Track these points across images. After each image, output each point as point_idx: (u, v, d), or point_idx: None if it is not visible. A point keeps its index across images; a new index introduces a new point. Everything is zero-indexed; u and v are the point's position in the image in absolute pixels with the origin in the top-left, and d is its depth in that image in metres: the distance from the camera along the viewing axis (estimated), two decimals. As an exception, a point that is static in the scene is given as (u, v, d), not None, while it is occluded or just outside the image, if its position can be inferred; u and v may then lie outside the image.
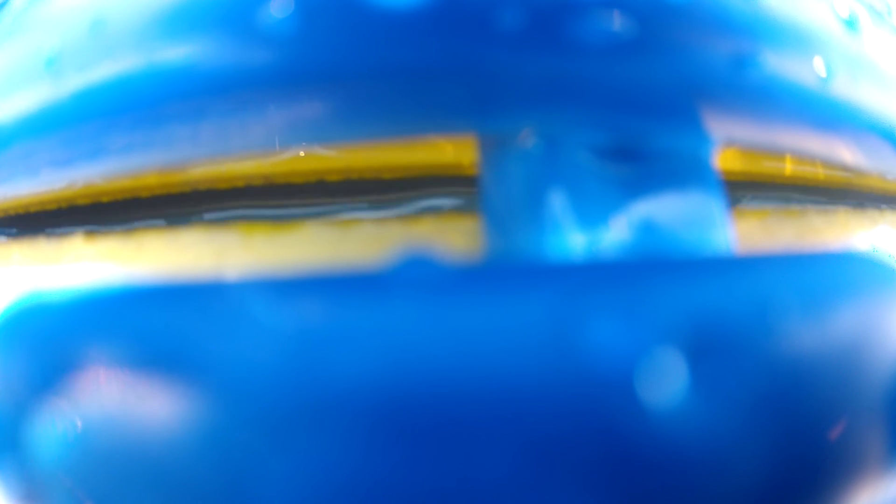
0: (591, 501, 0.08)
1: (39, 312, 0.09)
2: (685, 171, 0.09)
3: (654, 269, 0.09)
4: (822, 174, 0.11)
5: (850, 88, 0.10)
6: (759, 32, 0.09)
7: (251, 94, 0.09)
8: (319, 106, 0.09)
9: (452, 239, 0.09)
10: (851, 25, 0.11)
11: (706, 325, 0.08)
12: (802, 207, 0.11)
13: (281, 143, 0.09)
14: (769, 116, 0.10)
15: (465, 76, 0.09)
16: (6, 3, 0.11)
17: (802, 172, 0.11)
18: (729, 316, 0.08)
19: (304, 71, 0.09)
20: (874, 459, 0.09)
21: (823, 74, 0.10)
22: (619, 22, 0.09)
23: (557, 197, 0.09)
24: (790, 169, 0.11)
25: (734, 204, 0.10)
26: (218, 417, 0.08)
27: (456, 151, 0.09)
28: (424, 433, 0.08)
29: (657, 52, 0.09)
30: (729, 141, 0.09)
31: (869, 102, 0.11)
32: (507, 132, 0.09)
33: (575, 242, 0.09)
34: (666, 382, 0.08)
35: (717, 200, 0.09)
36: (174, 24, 0.09)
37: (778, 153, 0.10)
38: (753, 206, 0.10)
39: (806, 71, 0.10)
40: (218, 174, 0.10)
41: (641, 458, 0.08)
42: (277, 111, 0.09)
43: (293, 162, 0.10)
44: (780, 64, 0.10)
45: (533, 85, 0.09)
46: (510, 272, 0.08)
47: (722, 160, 0.09)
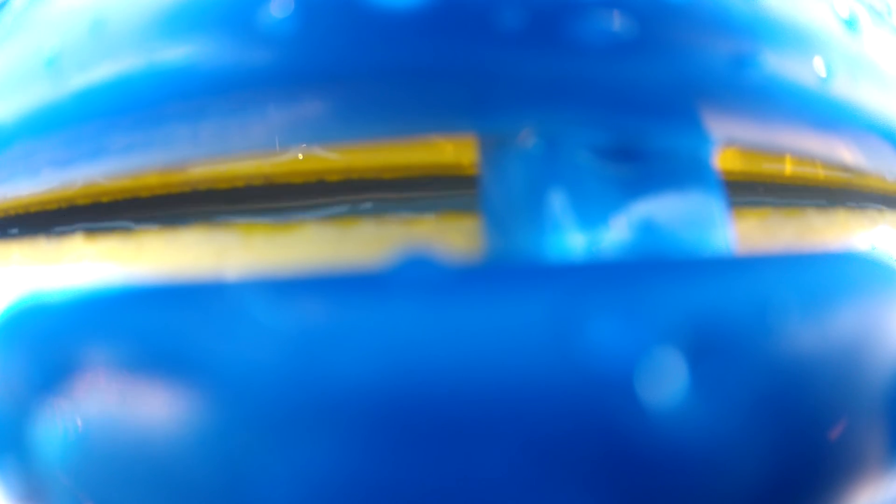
0: (591, 501, 0.08)
1: (39, 312, 0.09)
2: (685, 171, 0.09)
3: (654, 269, 0.09)
4: (821, 174, 0.11)
5: (850, 88, 0.10)
6: (759, 32, 0.09)
7: (251, 94, 0.09)
8: (319, 106, 0.09)
9: (452, 239, 0.09)
10: (851, 25, 0.11)
11: (706, 325, 0.08)
12: (802, 207, 0.11)
13: (281, 143, 0.09)
14: (769, 116, 0.10)
15: (465, 76, 0.09)
16: (6, 3, 0.11)
17: (802, 172, 0.11)
18: (729, 316, 0.08)
19: (304, 71, 0.09)
20: (874, 459, 0.09)
21: (823, 74, 0.10)
22: (619, 22, 0.09)
23: (557, 197, 0.09)
24: (790, 169, 0.11)
25: (734, 204, 0.10)
26: (218, 417, 0.08)
27: (456, 151, 0.09)
28: (424, 433, 0.08)
29: (657, 51, 0.09)
30: (729, 141, 0.09)
31: (869, 102, 0.11)
32: (507, 132, 0.09)
33: (575, 242, 0.09)
34: (666, 382, 0.08)
35: (717, 200, 0.09)
36: (174, 24, 0.09)
37: (778, 153, 0.10)
38: (753, 206, 0.10)
39: (806, 71, 0.10)
40: (218, 174, 0.10)
41: (641, 457, 0.08)
42: (277, 111, 0.09)
43: (293, 162, 0.10)
44: (779, 64, 0.10)
45: (533, 85, 0.09)
46: (510, 272, 0.08)
47: (722, 160, 0.09)
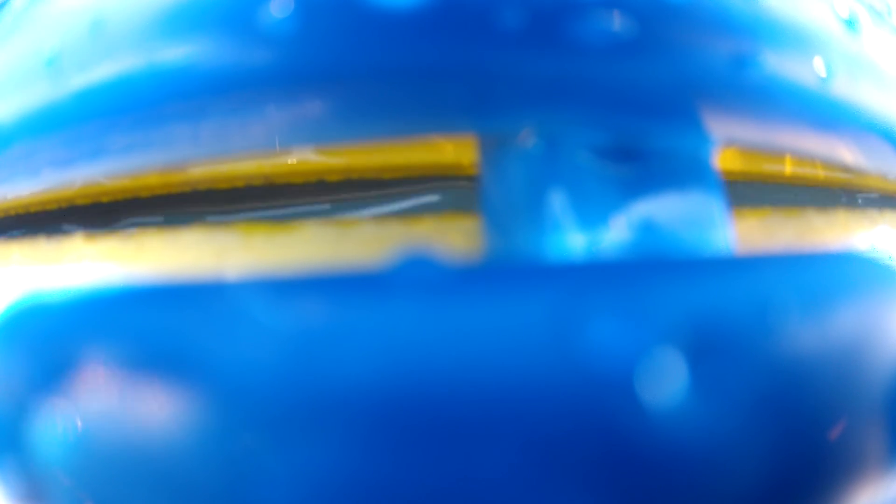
0: (591, 501, 0.08)
1: (39, 312, 0.09)
2: (685, 171, 0.09)
3: (654, 269, 0.09)
4: (821, 174, 0.11)
5: (850, 88, 0.10)
6: (759, 32, 0.09)
7: (251, 94, 0.09)
8: (320, 106, 0.09)
9: (452, 239, 0.09)
10: (851, 25, 0.11)
11: (706, 325, 0.08)
12: (802, 207, 0.11)
13: (281, 143, 0.09)
14: (769, 116, 0.10)
15: (465, 76, 0.09)
16: (6, 3, 0.11)
17: (802, 172, 0.11)
18: (729, 316, 0.08)
19: (304, 71, 0.09)
20: (874, 459, 0.09)
21: (823, 74, 0.10)
22: (619, 22, 0.09)
23: (557, 197, 0.09)
24: (790, 169, 0.11)
25: (734, 204, 0.10)
26: (217, 417, 0.08)
27: (456, 151, 0.09)
28: (424, 433, 0.08)
29: (657, 52, 0.09)
30: (729, 141, 0.09)
31: (869, 102, 0.11)
32: (507, 132, 0.09)
33: (575, 242, 0.09)
34: (666, 382, 0.08)
35: (717, 200, 0.09)
36: (174, 24, 0.09)
37: (778, 153, 0.10)
38: (753, 206, 0.10)
39: (806, 71, 0.10)
40: (218, 174, 0.10)
41: (641, 457, 0.08)
42: (277, 111, 0.09)
43: (293, 162, 0.10)
44: (780, 64, 0.10)
45: (533, 85, 0.09)
46: (510, 272, 0.08)
47: (722, 160, 0.09)
